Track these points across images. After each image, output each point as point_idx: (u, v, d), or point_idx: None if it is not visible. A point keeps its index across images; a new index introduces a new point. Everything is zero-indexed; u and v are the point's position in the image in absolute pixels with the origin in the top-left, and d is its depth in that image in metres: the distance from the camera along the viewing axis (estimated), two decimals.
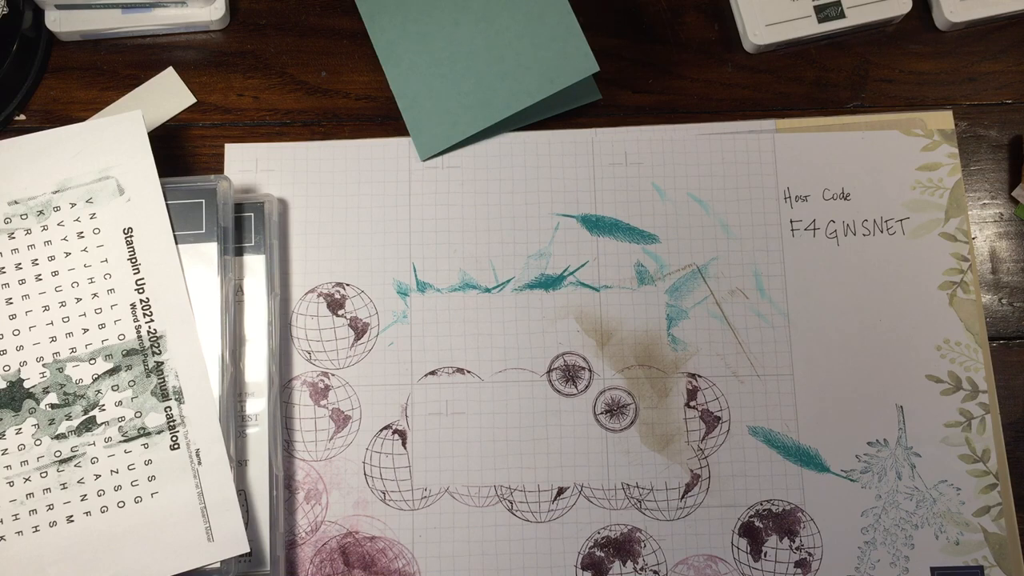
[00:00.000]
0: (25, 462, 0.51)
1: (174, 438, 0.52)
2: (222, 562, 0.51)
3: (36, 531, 0.51)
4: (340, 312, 0.58)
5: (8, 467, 0.51)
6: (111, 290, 0.54)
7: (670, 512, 0.56)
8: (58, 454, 0.52)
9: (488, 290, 0.59)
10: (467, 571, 0.55)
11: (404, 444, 0.57)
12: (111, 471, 0.51)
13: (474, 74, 0.60)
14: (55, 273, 0.54)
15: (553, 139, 0.61)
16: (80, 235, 0.54)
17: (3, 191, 0.55)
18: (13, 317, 0.53)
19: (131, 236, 0.54)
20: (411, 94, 0.61)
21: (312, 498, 0.56)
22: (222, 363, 0.53)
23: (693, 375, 0.58)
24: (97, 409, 0.52)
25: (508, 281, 0.59)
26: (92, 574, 0.50)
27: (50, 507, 0.51)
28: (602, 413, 0.57)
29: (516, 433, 0.57)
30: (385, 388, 0.58)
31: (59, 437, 0.52)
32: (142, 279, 0.54)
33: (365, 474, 0.56)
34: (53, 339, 0.53)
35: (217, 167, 0.60)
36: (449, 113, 0.60)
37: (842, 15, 0.62)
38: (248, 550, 0.51)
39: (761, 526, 0.56)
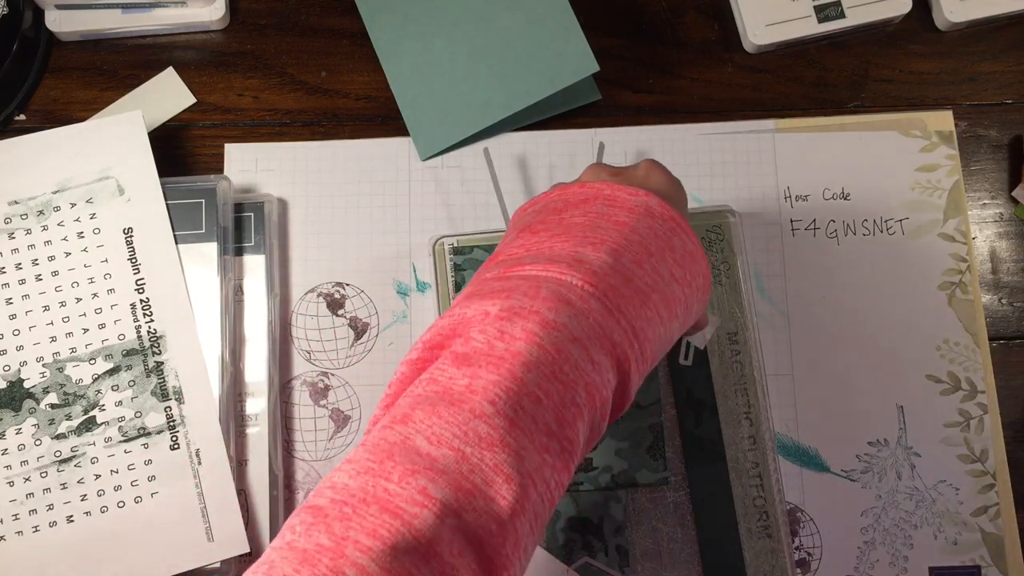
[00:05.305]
0: (25, 462, 0.51)
1: (174, 438, 0.52)
2: (222, 562, 0.51)
3: (36, 531, 0.51)
4: (340, 312, 0.58)
5: (8, 467, 0.51)
6: (111, 290, 0.54)
7: None
8: (58, 454, 0.52)
9: None
10: None
11: None
12: (111, 471, 0.51)
13: (474, 74, 0.60)
14: (55, 273, 0.54)
15: (553, 139, 0.61)
16: (80, 235, 0.54)
17: (3, 191, 0.55)
18: (13, 317, 0.53)
19: (131, 236, 0.54)
20: (411, 94, 0.61)
21: None
22: (222, 363, 0.53)
23: None
24: (97, 409, 0.52)
25: None
26: (92, 574, 0.50)
27: (50, 507, 0.51)
28: None
29: None
30: (385, 388, 0.57)
31: (59, 437, 0.52)
32: (142, 279, 0.54)
33: None
34: (53, 339, 0.53)
35: (217, 167, 0.60)
36: (449, 113, 0.60)
37: (842, 15, 0.62)
38: (248, 550, 0.51)
39: None
